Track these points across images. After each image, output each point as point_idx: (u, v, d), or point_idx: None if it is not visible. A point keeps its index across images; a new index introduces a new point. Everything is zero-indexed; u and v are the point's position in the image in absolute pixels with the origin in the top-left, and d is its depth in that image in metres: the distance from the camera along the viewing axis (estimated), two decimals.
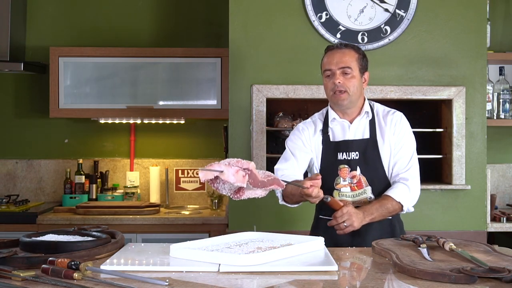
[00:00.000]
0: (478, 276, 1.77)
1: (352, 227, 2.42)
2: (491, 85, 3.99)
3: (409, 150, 2.60)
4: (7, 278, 1.81)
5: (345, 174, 2.59)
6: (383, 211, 2.51)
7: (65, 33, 4.35)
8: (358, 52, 2.61)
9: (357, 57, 2.58)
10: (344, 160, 2.59)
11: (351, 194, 2.60)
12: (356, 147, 2.60)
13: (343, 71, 2.54)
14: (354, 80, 2.55)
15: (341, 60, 2.55)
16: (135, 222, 3.75)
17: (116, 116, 4.07)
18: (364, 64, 2.62)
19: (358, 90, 2.58)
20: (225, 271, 1.92)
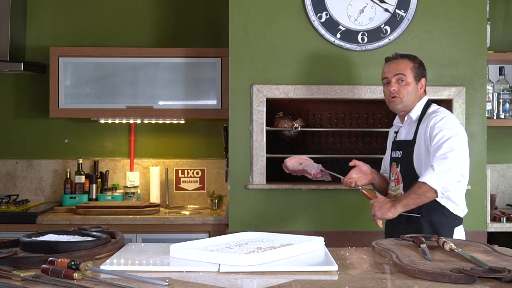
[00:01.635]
0: (478, 276, 1.77)
1: (376, 217, 2.68)
2: (491, 85, 3.99)
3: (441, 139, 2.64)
4: (7, 278, 1.81)
5: (393, 170, 2.88)
6: (412, 195, 2.61)
7: (65, 33, 4.35)
8: (413, 61, 2.88)
9: (411, 66, 2.85)
10: (393, 158, 2.90)
11: (393, 189, 2.86)
12: (400, 147, 2.87)
13: (398, 78, 2.83)
14: (408, 86, 2.83)
15: (396, 68, 2.85)
16: (135, 222, 3.75)
17: (116, 116, 4.07)
18: (420, 72, 2.87)
19: (412, 96, 2.83)
20: (225, 271, 1.92)
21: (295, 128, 3.64)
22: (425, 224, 2.71)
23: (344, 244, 3.36)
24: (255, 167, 3.54)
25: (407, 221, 2.75)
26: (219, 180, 4.32)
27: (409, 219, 2.75)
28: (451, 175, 2.58)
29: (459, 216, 2.78)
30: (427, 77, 2.98)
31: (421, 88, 2.87)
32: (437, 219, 2.72)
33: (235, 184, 3.56)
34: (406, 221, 2.75)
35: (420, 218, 2.73)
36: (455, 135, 2.65)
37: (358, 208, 3.58)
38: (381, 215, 2.65)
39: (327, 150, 3.95)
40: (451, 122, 2.72)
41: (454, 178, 2.60)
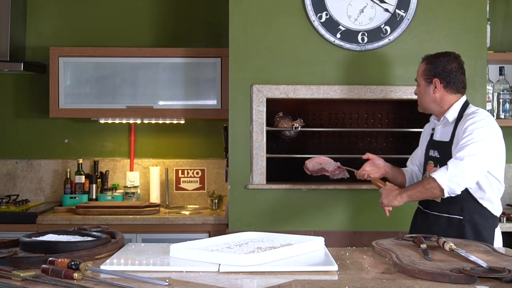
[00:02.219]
0: (478, 276, 1.77)
1: (383, 204, 2.72)
2: (491, 85, 3.99)
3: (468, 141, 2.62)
4: (7, 278, 1.81)
5: (430, 169, 2.83)
6: (420, 188, 2.66)
7: (65, 33, 4.35)
8: (426, 62, 2.86)
9: (423, 69, 2.85)
10: (431, 157, 2.85)
11: None
12: (437, 147, 2.83)
13: (417, 83, 2.91)
14: (420, 89, 2.87)
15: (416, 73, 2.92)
16: (135, 222, 3.75)
17: (116, 116, 4.07)
18: (431, 72, 2.82)
19: (425, 98, 2.85)
20: (225, 271, 1.93)
21: (295, 128, 3.64)
22: (467, 227, 2.67)
23: (344, 244, 3.38)
24: (255, 167, 3.54)
25: (448, 223, 2.71)
26: (219, 180, 4.32)
27: (450, 221, 2.71)
28: (462, 179, 2.56)
29: (497, 216, 2.76)
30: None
31: (435, 89, 2.79)
32: (479, 220, 2.68)
33: (235, 184, 3.56)
34: (447, 223, 2.71)
35: (462, 220, 2.68)
36: (483, 139, 2.61)
37: (358, 208, 3.59)
38: (387, 202, 2.69)
39: (327, 150, 3.95)
40: (486, 125, 2.66)
41: (465, 182, 2.58)
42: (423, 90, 2.84)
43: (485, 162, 2.62)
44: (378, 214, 3.51)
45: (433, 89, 2.80)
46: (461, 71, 2.81)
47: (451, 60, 2.80)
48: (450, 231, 2.63)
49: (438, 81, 2.79)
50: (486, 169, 2.64)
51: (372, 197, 3.55)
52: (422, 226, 2.81)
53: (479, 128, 2.63)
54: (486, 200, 2.68)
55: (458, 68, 2.80)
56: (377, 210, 3.52)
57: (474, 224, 2.67)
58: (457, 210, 2.67)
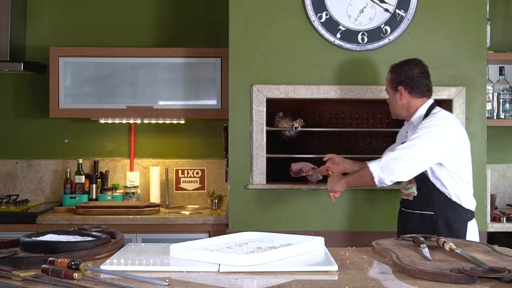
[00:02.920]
0: (478, 276, 1.77)
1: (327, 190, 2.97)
2: (491, 85, 3.99)
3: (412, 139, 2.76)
4: (7, 278, 1.81)
5: None
6: (356, 175, 2.88)
7: (65, 33, 4.35)
8: (390, 72, 3.00)
9: (389, 78, 3.00)
10: None
11: (405, 187, 2.95)
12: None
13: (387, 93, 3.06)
14: (389, 98, 3.03)
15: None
16: (135, 222, 3.75)
17: (116, 116, 4.07)
18: (396, 80, 2.95)
19: (395, 106, 2.99)
20: (225, 271, 1.93)
21: (295, 128, 3.64)
22: (439, 221, 2.81)
23: (344, 244, 3.38)
24: (255, 167, 3.54)
25: (420, 219, 2.85)
26: (219, 180, 4.32)
27: (423, 217, 2.84)
28: (391, 170, 2.71)
29: (471, 210, 2.87)
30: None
31: (401, 96, 2.93)
32: (451, 214, 2.81)
33: (235, 184, 3.56)
34: (419, 219, 2.86)
35: (433, 216, 2.82)
36: (422, 136, 2.74)
37: (358, 208, 3.59)
38: (330, 188, 2.95)
39: (327, 150, 3.94)
40: (435, 125, 2.78)
41: (395, 174, 2.71)
42: (392, 98, 2.99)
43: (419, 158, 2.72)
44: (378, 214, 3.52)
45: (399, 96, 2.93)
46: (424, 75, 2.94)
47: (412, 66, 2.95)
48: (423, 227, 2.77)
49: (402, 88, 2.92)
50: (421, 164, 2.74)
51: (372, 197, 3.56)
52: (400, 224, 2.99)
53: (426, 127, 2.77)
54: (454, 195, 2.82)
55: (420, 73, 2.93)
56: (377, 210, 3.54)
57: (445, 219, 2.81)
58: (428, 206, 2.82)
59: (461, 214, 2.83)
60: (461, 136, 2.87)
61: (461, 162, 2.85)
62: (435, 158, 2.76)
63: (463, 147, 2.87)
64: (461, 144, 2.85)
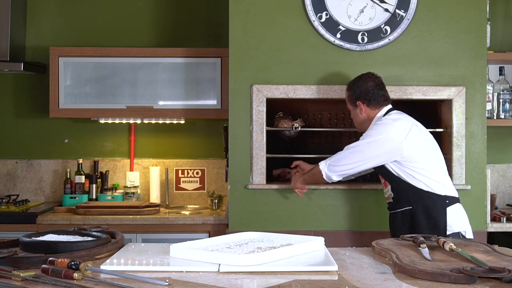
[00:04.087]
0: (478, 276, 1.77)
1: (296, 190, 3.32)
2: (491, 85, 3.99)
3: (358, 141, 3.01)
4: (7, 278, 1.81)
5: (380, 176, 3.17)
6: (310, 173, 3.18)
7: (65, 33, 4.35)
8: (347, 89, 3.18)
9: (347, 96, 3.18)
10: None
11: (384, 191, 3.15)
12: None
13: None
14: (352, 113, 3.20)
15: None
16: (135, 222, 3.75)
17: (116, 116, 4.07)
18: (354, 97, 3.12)
19: (357, 120, 3.17)
20: (225, 271, 1.93)
21: (295, 128, 3.64)
22: (418, 212, 2.95)
23: (344, 244, 3.37)
24: (255, 167, 3.54)
25: (402, 216, 3.01)
26: (219, 180, 4.33)
27: (404, 214, 3.00)
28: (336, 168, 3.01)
29: (449, 196, 2.98)
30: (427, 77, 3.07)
31: (361, 110, 3.10)
32: (428, 204, 2.94)
33: (235, 184, 3.56)
34: (401, 216, 3.02)
35: (411, 209, 2.97)
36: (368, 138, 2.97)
37: (358, 208, 3.59)
38: (292, 185, 3.30)
39: (327, 150, 3.95)
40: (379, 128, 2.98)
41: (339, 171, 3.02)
42: (354, 114, 3.17)
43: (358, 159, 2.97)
44: (378, 214, 3.52)
45: (359, 110, 3.11)
46: (378, 87, 3.10)
47: (366, 80, 3.11)
48: (405, 222, 3.00)
49: (360, 103, 3.09)
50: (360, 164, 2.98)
51: (372, 197, 3.56)
52: (390, 226, 3.12)
53: (370, 130, 3.00)
54: (426, 186, 2.94)
55: (375, 86, 3.09)
56: (377, 210, 3.54)
57: (424, 209, 2.94)
58: (406, 202, 2.99)
59: (438, 202, 2.94)
60: (411, 131, 2.97)
61: (422, 155, 2.96)
62: (378, 159, 2.96)
63: (417, 141, 2.96)
64: (412, 140, 2.95)
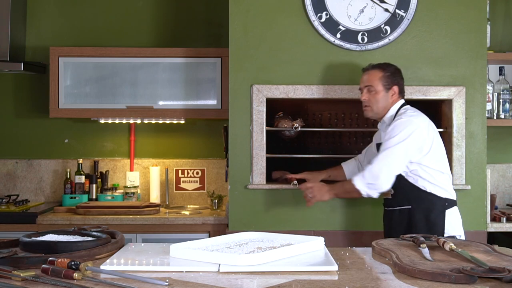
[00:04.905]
0: (478, 276, 1.77)
1: (315, 198, 3.02)
2: (491, 85, 3.99)
3: (387, 144, 2.91)
4: (7, 278, 1.81)
5: None
6: (342, 189, 3.02)
7: (65, 33, 4.35)
8: (383, 70, 3.07)
9: (380, 76, 3.05)
10: None
11: None
12: (378, 149, 3.06)
13: (368, 89, 3.07)
14: (377, 95, 3.04)
15: (367, 79, 3.08)
16: (135, 222, 3.75)
17: (116, 116, 4.07)
18: (391, 80, 3.06)
19: (382, 104, 3.05)
20: (225, 271, 1.93)
21: (295, 128, 3.64)
22: (417, 214, 2.94)
23: (344, 244, 3.38)
24: (255, 167, 3.54)
25: (400, 214, 3.01)
26: (219, 180, 4.33)
27: (401, 212, 2.99)
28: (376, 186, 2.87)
29: (449, 198, 2.98)
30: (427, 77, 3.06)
31: (393, 95, 3.06)
32: (427, 206, 2.93)
33: (235, 184, 3.56)
34: (399, 215, 3.01)
35: (411, 209, 2.97)
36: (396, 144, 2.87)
37: (358, 208, 3.58)
38: (319, 197, 3.04)
39: (327, 150, 3.95)
40: (403, 127, 2.89)
41: (380, 188, 2.89)
42: (381, 96, 3.05)
43: (397, 166, 2.89)
44: (378, 214, 3.51)
45: (391, 95, 3.05)
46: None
47: (399, 69, 3.13)
48: (402, 221, 2.95)
49: (396, 87, 3.06)
50: (399, 170, 2.91)
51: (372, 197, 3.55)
52: (384, 223, 3.12)
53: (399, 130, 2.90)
54: (429, 187, 2.93)
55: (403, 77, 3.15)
56: (376, 210, 3.54)
57: (422, 210, 2.93)
58: (406, 201, 2.95)
59: (437, 204, 2.95)
60: (430, 129, 2.98)
61: (434, 154, 2.95)
62: (409, 158, 2.91)
63: (433, 140, 2.97)
64: (431, 138, 2.96)
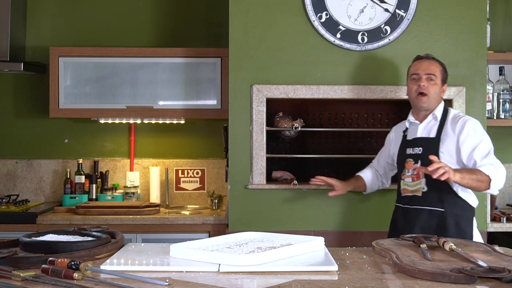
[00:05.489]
0: (478, 276, 1.77)
1: (448, 173, 2.57)
2: (491, 85, 3.99)
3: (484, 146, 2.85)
4: (7, 278, 1.81)
5: (409, 166, 2.94)
6: (472, 177, 2.71)
7: (65, 33, 4.35)
8: (442, 65, 3.02)
9: (441, 69, 3.00)
10: (410, 155, 2.96)
11: (411, 184, 2.93)
12: (420, 143, 2.93)
13: (429, 77, 2.96)
14: (436, 86, 2.96)
15: (428, 67, 2.98)
16: (135, 222, 3.75)
17: (116, 116, 4.07)
18: (445, 77, 3.03)
19: (437, 96, 2.97)
20: (225, 271, 1.93)
21: (295, 128, 3.64)
22: (449, 218, 2.83)
23: (344, 244, 3.38)
24: (255, 167, 3.54)
25: (429, 215, 2.85)
26: (219, 180, 4.32)
27: (432, 214, 2.85)
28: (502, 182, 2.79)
29: (474, 208, 2.92)
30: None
31: (443, 93, 3.02)
32: (459, 212, 2.85)
33: (235, 184, 3.56)
34: (428, 215, 2.86)
35: (443, 213, 2.84)
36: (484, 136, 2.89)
37: (358, 208, 3.59)
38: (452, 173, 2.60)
39: (327, 150, 3.95)
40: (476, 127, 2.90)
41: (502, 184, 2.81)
42: (438, 88, 2.98)
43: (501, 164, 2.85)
44: (378, 214, 3.52)
45: (442, 92, 3.01)
46: None
47: None
48: (431, 223, 2.83)
49: (446, 86, 3.04)
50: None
51: (372, 197, 3.55)
52: (403, 222, 2.94)
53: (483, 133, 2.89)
54: (464, 192, 2.85)
55: None
56: (377, 210, 3.54)
57: (454, 216, 2.84)
58: (438, 202, 2.84)
59: (467, 212, 2.87)
60: None
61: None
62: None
63: None
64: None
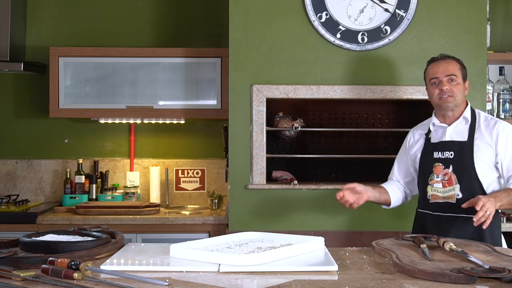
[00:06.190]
0: (478, 276, 1.77)
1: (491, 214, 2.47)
2: (491, 85, 3.99)
3: None
4: (7, 278, 1.81)
5: (438, 171, 2.79)
6: (509, 200, 2.61)
7: (65, 33, 4.35)
8: (459, 62, 2.87)
9: (459, 67, 2.85)
10: (439, 159, 2.80)
11: (442, 190, 2.77)
12: (451, 147, 2.79)
13: (450, 78, 2.81)
14: (459, 86, 2.81)
15: (447, 69, 2.82)
16: (135, 222, 3.75)
17: (116, 116, 4.07)
18: (465, 74, 2.87)
19: (462, 96, 2.83)
20: (225, 271, 1.93)
21: (295, 128, 3.64)
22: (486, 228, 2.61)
23: (344, 244, 3.38)
24: (255, 167, 3.54)
25: (465, 223, 2.68)
26: (219, 180, 4.32)
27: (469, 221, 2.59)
28: None
29: (499, 212, 2.80)
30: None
31: (466, 90, 2.87)
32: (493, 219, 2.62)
33: (235, 184, 3.56)
34: (464, 223, 2.69)
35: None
36: None
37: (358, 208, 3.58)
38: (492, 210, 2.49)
39: (327, 150, 3.95)
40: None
41: None
42: (461, 87, 2.83)
43: None
44: (378, 214, 3.52)
45: (465, 89, 2.87)
46: None
47: None
48: (467, 231, 2.65)
49: (467, 83, 2.89)
50: None
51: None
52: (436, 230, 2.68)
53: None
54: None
55: None
56: (377, 210, 3.54)
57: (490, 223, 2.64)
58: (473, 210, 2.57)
59: (497, 218, 2.73)
60: None
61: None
62: None
63: None
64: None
